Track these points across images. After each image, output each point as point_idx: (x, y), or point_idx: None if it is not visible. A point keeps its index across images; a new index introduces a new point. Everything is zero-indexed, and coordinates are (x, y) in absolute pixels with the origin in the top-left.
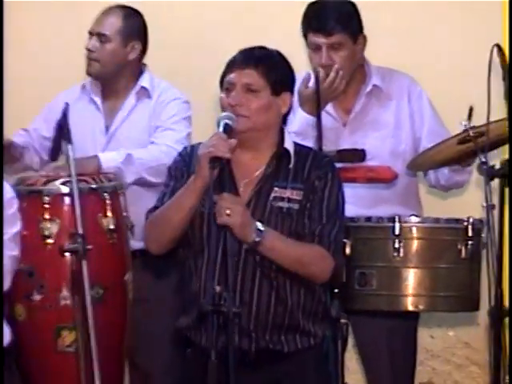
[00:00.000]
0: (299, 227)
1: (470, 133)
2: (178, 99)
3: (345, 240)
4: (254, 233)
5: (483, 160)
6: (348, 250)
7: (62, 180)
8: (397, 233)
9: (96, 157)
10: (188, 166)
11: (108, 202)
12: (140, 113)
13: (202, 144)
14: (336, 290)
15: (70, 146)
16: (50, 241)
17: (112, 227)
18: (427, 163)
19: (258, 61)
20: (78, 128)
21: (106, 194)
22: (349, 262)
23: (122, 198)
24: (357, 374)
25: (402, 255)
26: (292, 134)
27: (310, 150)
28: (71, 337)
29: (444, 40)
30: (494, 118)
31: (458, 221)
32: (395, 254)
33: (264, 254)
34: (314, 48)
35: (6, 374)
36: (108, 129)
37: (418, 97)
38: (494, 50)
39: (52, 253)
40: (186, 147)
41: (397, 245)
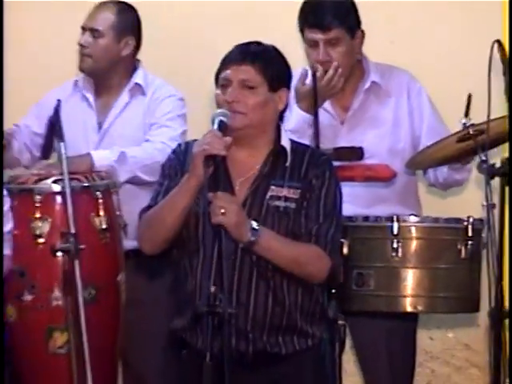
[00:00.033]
0: (296, 227)
1: (470, 130)
2: (173, 96)
3: (342, 240)
4: (249, 232)
5: (483, 158)
6: (345, 250)
7: (54, 178)
8: (395, 232)
9: (89, 155)
10: (182, 164)
11: (101, 200)
12: (134, 110)
13: (196, 142)
14: (333, 291)
15: (62, 144)
16: (42, 240)
17: (105, 226)
18: (426, 161)
19: (254, 57)
20: (70, 125)
21: (98, 193)
22: (346, 262)
23: (114, 197)
24: (354, 377)
25: (400, 255)
26: (288, 131)
27: (307, 147)
28: (63, 338)
29: (444, 39)
30: (494, 115)
31: (458, 220)
32: (393, 254)
33: (259, 254)
34: (311, 44)
35: None
36: (101, 126)
37: (417, 94)
38: (495, 46)
39: (43, 252)
40: (180, 144)
41: (395, 245)
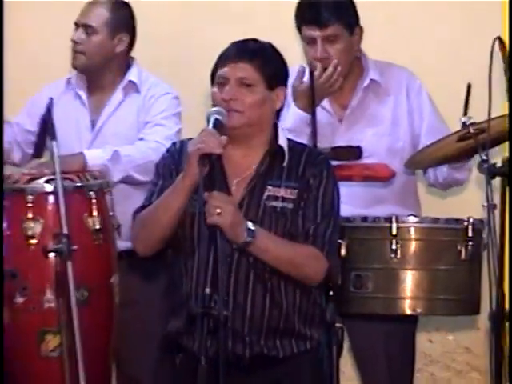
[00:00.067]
0: (293, 227)
1: (471, 129)
2: (168, 94)
3: (340, 241)
4: (244, 233)
5: (484, 158)
6: (343, 251)
7: (46, 178)
8: (394, 233)
9: (81, 154)
10: (177, 164)
11: (94, 200)
12: (128, 108)
13: (191, 141)
14: (331, 293)
15: (54, 143)
16: (34, 241)
17: (98, 227)
18: (426, 161)
19: (252, 54)
20: (62, 124)
21: (91, 193)
22: (344, 264)
23: (108, 197)
24: (353, 381)
25: (399, 256)
26: (285, 130)
27: (304, 146)
28: (55, 341)
29: (444, 39)
30: (495, 114)
31: (458, 221)
32: (392, 256)
33: (255, 255)
34: (308, 41)
35: None
36: (94, 125)
37: (417, 92)
38: (496, 43)
39: (35, 253)
40: (174, 143)
41: (394, 246)
